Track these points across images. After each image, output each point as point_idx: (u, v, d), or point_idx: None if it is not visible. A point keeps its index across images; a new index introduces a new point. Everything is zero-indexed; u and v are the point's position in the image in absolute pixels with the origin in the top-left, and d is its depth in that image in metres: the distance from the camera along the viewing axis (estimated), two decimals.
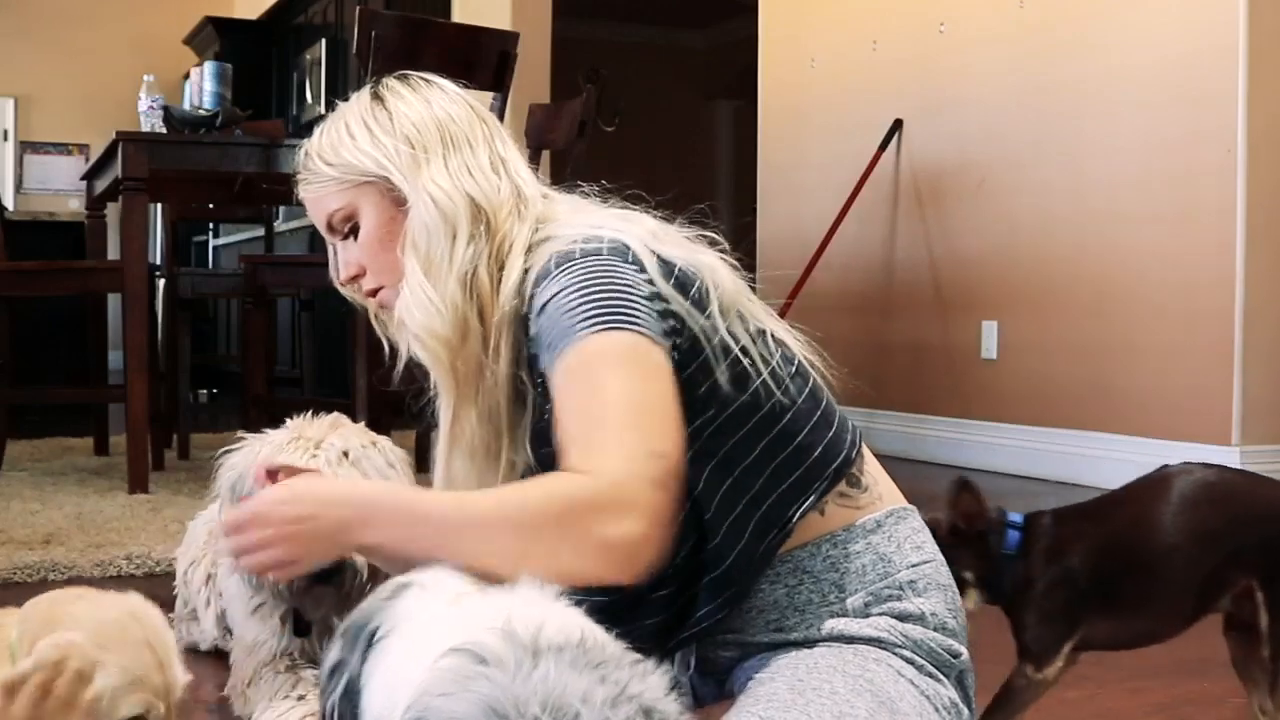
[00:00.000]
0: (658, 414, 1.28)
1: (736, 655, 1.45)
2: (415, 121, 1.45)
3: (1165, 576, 1.57)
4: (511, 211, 1.44)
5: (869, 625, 1.40)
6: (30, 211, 8.30)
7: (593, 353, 1.29)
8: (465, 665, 0.92)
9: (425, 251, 1.41)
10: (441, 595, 1.12)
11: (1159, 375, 4.35)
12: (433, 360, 1.42)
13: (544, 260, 1.38)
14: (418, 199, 1.41)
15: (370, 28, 3.60)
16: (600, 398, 1.27)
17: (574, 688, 0.88)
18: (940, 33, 5.26)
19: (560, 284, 1.33)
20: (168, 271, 5.47)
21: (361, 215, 1.46)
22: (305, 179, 1.50)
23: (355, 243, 1.48)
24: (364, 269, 1.48)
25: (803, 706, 1.29)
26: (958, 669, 1.43)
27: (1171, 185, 4.32)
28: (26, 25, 10.73)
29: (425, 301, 1.40)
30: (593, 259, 1.34)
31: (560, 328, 1.31)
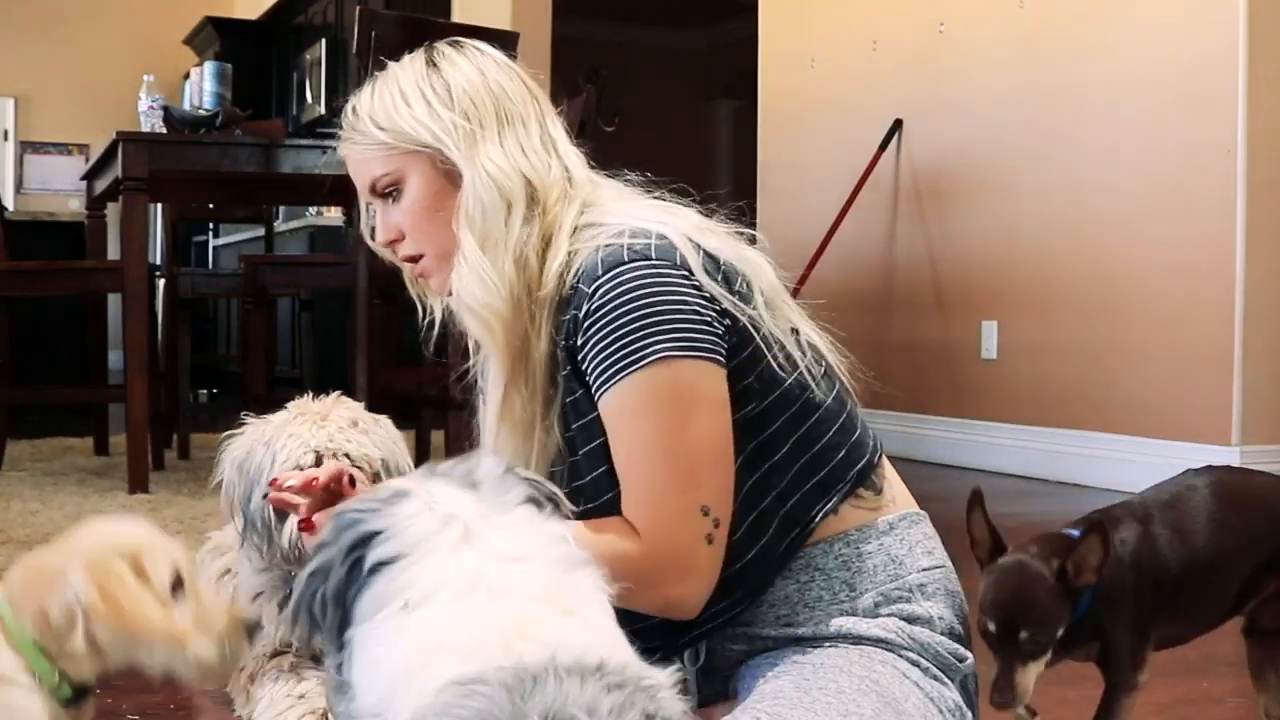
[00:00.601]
0: (711, 463, 1.34)
1: (744, 649, 1.45)
2: (472, 95, 1.44)
3: (1214, 582, 1.57)
4: (562, 194, 1.44)
5: (877, 625, 1.41)
6: (30, 211, 8.30)
7: (651, 390, 1.31)
8: (463, 690, 0.89)
9: (481, 228, 1.41)
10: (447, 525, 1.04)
11: (1159, 375, 4.35)
12: (488, 335, 1.42)
13: (590, 252, 1.38)
14: (474, 175, 1.41)
15: (370, 28, 3.60)
16: (659, 446, 1.32)
17: (577, 699, 0.86)
18: (940, 33, 5.26)
19: (612, 294, 1.34)
20: (168, 271, 5.46)
21: (408, 183, 1.45)
22: (351, 138, 1.49)
23: (397, 206, 1.47)
24: (403, 234, 1.48)
25: (809, 705, 1.29)
26: (962, 673, 1.44)
27: (1171, 186, 4.32)
28: (26, 25, 10.73)
29: (483, 277, 1.39)
30: (641, 266, 1.34)
31: (616, 350, 1.32)
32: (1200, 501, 1.57)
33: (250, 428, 1.96)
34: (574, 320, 1.37)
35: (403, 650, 0.99)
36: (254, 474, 1.90)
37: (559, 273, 1.40)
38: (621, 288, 1.34)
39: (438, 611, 0.99)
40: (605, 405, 1.35)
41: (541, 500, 1.11)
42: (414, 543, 1.03)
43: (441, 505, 1.05)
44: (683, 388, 1.33)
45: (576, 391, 1.39)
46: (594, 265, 1.36)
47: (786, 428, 1.41)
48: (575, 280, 1.38)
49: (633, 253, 1.35)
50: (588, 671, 0.89)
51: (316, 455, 1.86)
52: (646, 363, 1.32)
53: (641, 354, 1.32)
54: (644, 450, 1.33)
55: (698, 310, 1.34)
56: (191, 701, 2.06)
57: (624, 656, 0.94)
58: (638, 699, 0.88)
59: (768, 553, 1.41)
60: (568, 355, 1.39)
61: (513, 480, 1.10)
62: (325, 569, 1.07)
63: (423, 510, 1.05)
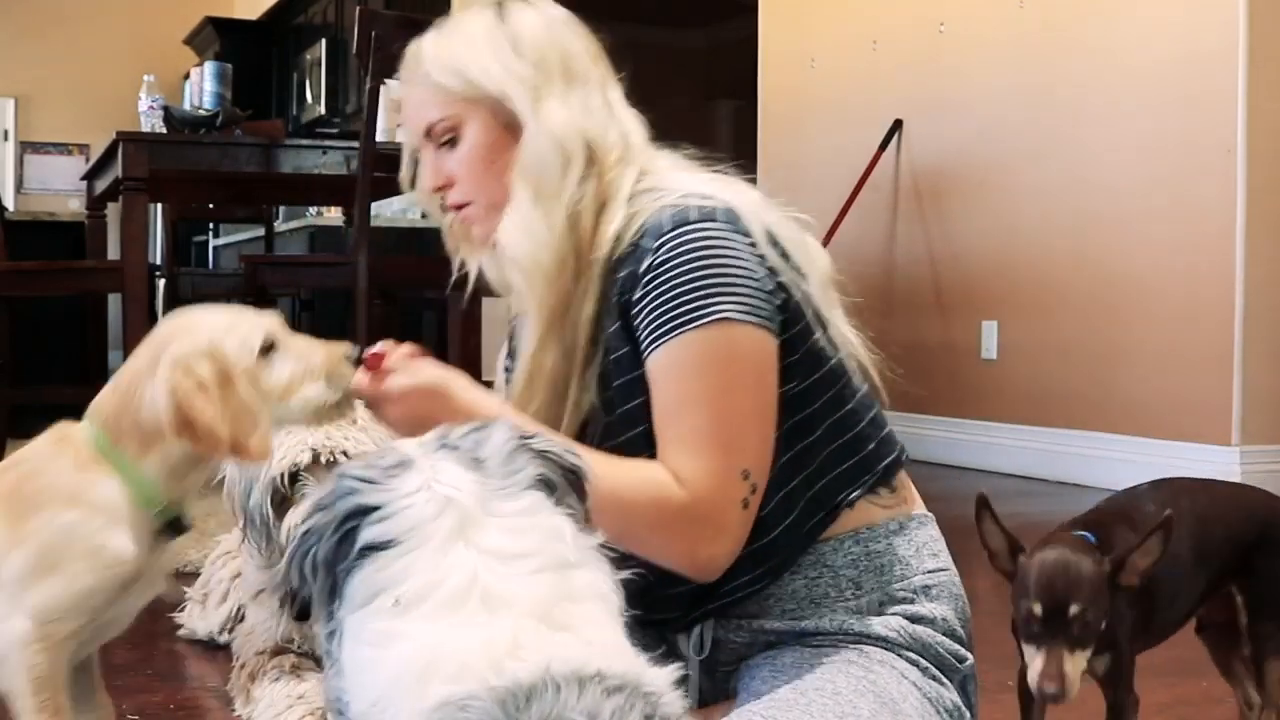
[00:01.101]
0: (756, 429, 1.34)
1: (747, 642, 1.46)
2: (540, 49, 1.44)
3: (1185, 591, 1.58)
4: (620, 158, 1.44)
5: (880, 623, 1.41)
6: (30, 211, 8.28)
7: (708, 349, 1.32)
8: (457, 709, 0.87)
9: (537, 182, 1.40)
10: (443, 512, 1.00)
11: (1159, 375, 4.35)
12: (529, 288, 1.41)
13: (654, 212, 1.38)
14: (537, 129, 1.41)
15: (370, 28, 3.60)
16: (708, 404, 1.32)
17: (577, 705, 0.85)
18: (940, 33, 5.26)
19: (677, 250, 1.34)
20: (168, 271, 5.47)
21: (465, 130, 1.44)
22: (411, 80, 1.48)
23: (450, 153, 1.46)
24: (453, 181, 1.47)
25: (804, 706, 1.29)
26: (962, 674, 1.44)
27: (1171, 185, 4.32)
28: (26, 25, 10.73)
29: (533, 230, 1.39)
30: (709, 226, 1.35)
31: (676, 305, 1.33)
32: (1180, 513, 1.57)
33: None
34: (632, 275, 1.37)
35: (393, 663, 0.96)
36: (252, 471, 1.90)
37: (615, 235, 1.40)
38: (686, 245, 1.35)
39: (429, 623, 0.95)
40: (656, 360, 1.35)
41: (553, 481, 1.06)
42: (408, 529, 1.00)
43: (441, 485, 1.01)
44: (737, 351, 1.34)
45: (622, 349, 1.39)
46: (659, 222, 1.37)
47: (825, 410, 1.43)
48: (637, 237, 1.38)
49: (700, 212, 1.37)
50: (585, 679, 0.88)
51: (313, 453, 1.86)
52: (705, 321, 1.32)
53: (701, 312, 1.32)
54: (692, 407, 1.34)
55: (758, 278, 1.36)
56: (192, 701, 2.06)
57: (623, 664, 0.92)
58: (638, 703, 0.87)
59: (792, 532, 1.42)
60: (620, 310, 1.39)
61: (523, 457, 1.05)
62: (319, 532, 1.04)
63: (421, 489, 1.01)
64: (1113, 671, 1.50)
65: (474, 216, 1.47)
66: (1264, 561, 1.60)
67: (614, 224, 1.41)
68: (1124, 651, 1.50)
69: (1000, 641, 1.60)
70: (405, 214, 7.52)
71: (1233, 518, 1.61)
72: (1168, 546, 1.42)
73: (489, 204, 1.45)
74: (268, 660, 1.96)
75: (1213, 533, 1.58)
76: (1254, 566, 1.60)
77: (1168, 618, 1.58)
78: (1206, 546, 1.57)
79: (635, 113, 1.50)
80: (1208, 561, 1.58)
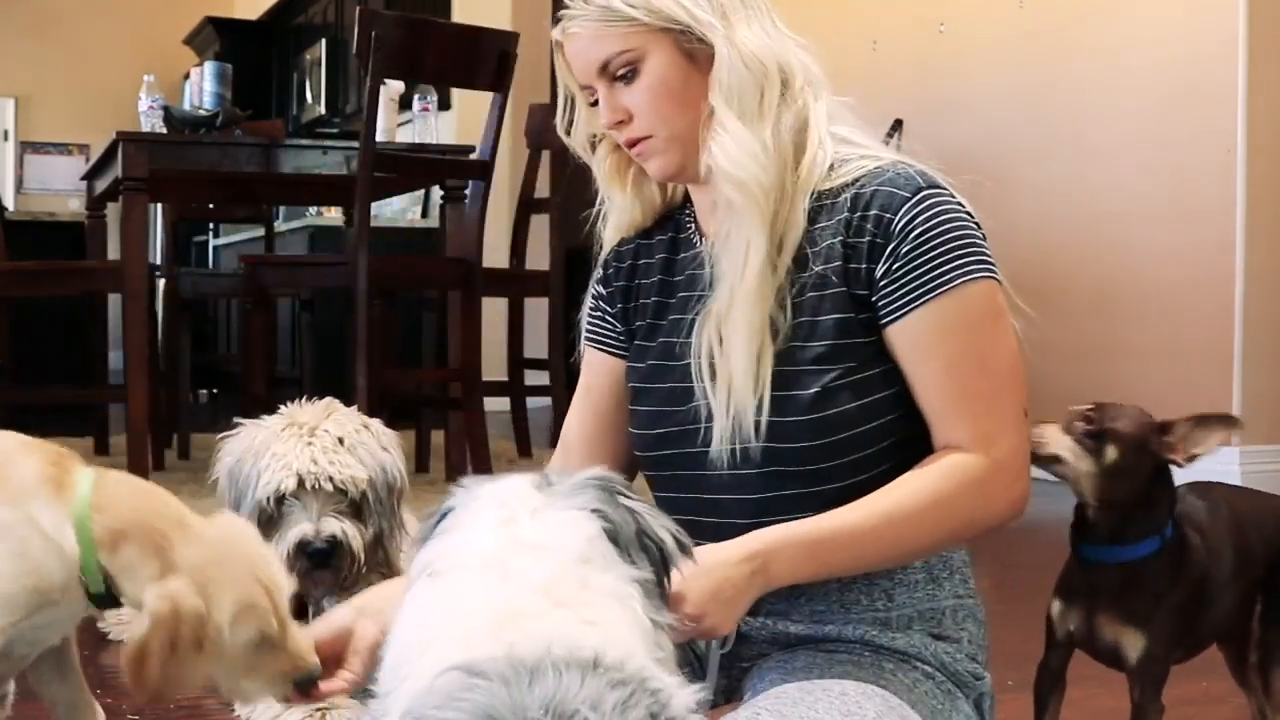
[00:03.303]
0: (1021, 370, 1.40)
1: (766, 639, 1.45)
2: None
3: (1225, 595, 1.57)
4: (806, 82, 1.46)
5: (904, 639, 1.42)
6: (30, 211, 8.29)
7: (975, 304, 1.38)
8: (462, 680, 0.89)
9: (740, 103, 1.40)
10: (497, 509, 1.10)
11: (1159, 375, 4.35)
12: (753, 207, 1.39)
13: (892, 165, 1.43)
14: (730, 51, 1.41)
15: (370, 28, 3.60)
16: (988, 357, 1.38)
17: (580, 694, 0.86)
18: (940, 33, 5.26)
19: (937, 209, 1.39)
20: (168, 271, 5.46)
21: (647, 62, 1.42)
22: (586, 14, 1.43)
23: (629, 88, 1.43)
24: (632, 115, 1.44)
25: (810, 703, 1.29)
26: (978, 690, 1.45)
27: (1171, 185, 4.32)
28: (26, 25, 10.73)
29: (752, 150, 1.39)
30: (953, 193, 1.44)
31: (937, 267, 1.37)
32: (1224, 520, 1.56)
33: (244, 431, 1.96)
34: (877, 221, 1.39)
35: (409, 628, 1.04)
36: (242, 484, 1.90)
37: (827, 166, 1.43)
38: (949, 206, 1.40)
39: (445, 585, 1.05)
40: (927, 314, 1.37)
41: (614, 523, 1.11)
42: (464, 520, 1.10)
43: (504, 493, 1.11)
44: (1000, 306, 1.40)
45: (830, 288, 1.40)
46: (911, 176, 1.41)
47: None
48: (877, 183, 1.41)
49: (941, 180, 1.44)
50: (586, 666, 0.89)
51: (299, 479, 1.85)
52: (976, 278, 1.38)
53: (961, 272, 1.37)
54: (977, 360, 1.37)
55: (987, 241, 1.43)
56: (192, 701, 2.06)
57: (627, 656, 0.93)
58: (642, 697, 0.88)
59: None
60: (846, 253, 1.40)
61: (590, 492, 1.12)
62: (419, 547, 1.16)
63: (488, 495, 1.12)
64: (1144, 665, 1.49)
65: (654, 149, 1.45)
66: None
67: (821, 154, 1.43)
68: (1159, 647, 1.48)
69: (1000, 642, 1.60)
70: (405, 214, 7.52)
71: (1267, 525, 1.61)
72: (1225, 442, 1.45)
73: (671, 135, 1.44)
74: None
75: (1250, 541, 1.58)
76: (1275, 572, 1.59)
77: (1208, 626, 1.57)
78: (1245, 555, 1.57)
79: (808, 46, 1.53)
80: (1245, 570, 1.57)
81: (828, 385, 1.37)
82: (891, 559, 1.38)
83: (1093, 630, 1.50)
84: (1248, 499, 1.66)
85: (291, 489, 1.85)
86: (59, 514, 1.35)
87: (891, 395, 1.39)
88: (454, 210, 4.32)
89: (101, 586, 1.36)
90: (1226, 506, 1.58)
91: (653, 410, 1.48)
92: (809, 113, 1.44)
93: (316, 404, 1.98)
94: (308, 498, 1.86)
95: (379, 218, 6.29)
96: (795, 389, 1.38)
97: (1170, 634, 1.49)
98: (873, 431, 1.38)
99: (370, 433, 1.96)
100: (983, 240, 1.42)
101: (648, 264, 1.55)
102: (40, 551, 1.34)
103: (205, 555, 1.35)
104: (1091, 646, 1.52)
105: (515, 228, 5.18)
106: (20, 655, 1.46)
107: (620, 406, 1.55)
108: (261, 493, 1.85)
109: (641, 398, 1.50)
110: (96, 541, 1.34)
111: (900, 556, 1.38)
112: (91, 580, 1.35)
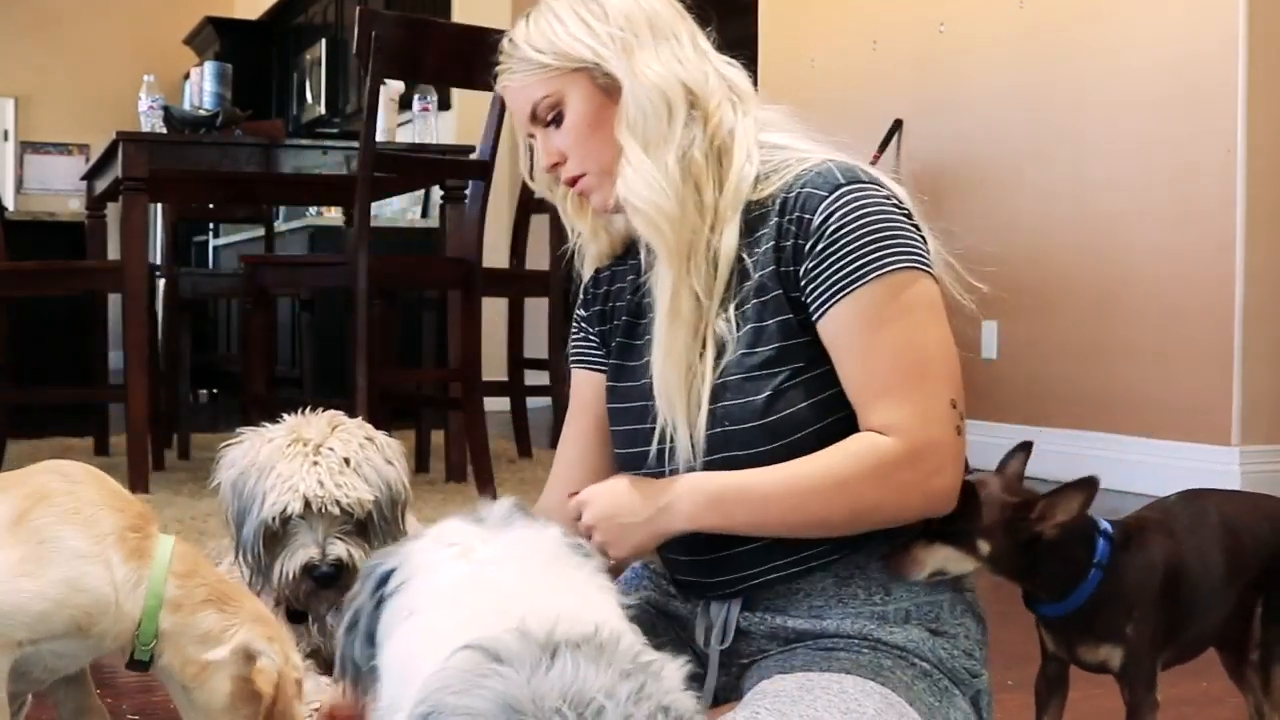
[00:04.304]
0: (950, 359, 1.40)
1: (765, 635, 1.46)
2: (625, 11, 1.48)
3: (1216, 606, 1.58)
4: (723, 100, 1.48)
5: (901, 634, 1.42)
6: (30, 211, 8.29)
7: (892, 294, 1.37)
8: (479, 662, 0.91)
9: (644, 132, 1.44)
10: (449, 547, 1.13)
11: (1159, 375, 4.35)
12: (655, 234, 1.44)
13: (817, 165, 1.43)
14: (634, 83, 1.44)
15: (370, 28, 3.60)
16: (904, 345, 1.37)
17: (595, 683, 0.88)
18: (940, 33, 5.26)
19: (857, 203, 1.39)
20: (168, 271, 5.46)
21: (568, 103, 1.48)
22: (509, 68, 1.51)
23: (558, 131, 1.50)
24: (565, 156, 1.50)
25: (809, 702, 1.30)
26: (975, 688, 1.45)
27: (1171, 185, 4.32)
28: (26, 25, 10.73)
29: (649, 178, 1.43)
30: (879, 186, 1.42)
31: (856, 259, 1.37)
32: (1214, 525, 1.57)
33: (247, 441, 1.94)
34: (798, 222, 1.40)
35: (406, 644, 1.06)
36: (246, 499, 1.89)
37: (753, 177, 1.45)
38: (867, 198, 1.40)
39: (435, 608, 1.07)
40: (839, 313, 1.38)
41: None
42: (419, 566, 1.12)
43: (447, 535, 1.15)
44: (920, 294, 1.39)
45: (769, 293, 1.42)
46: (831, 174, 1.41)
47: None
48: (800, 186, 1.41)
49: (865, 174, 1.42)
50: (596, 648, 0.91)
51: (305, 501, 1.85)
52: (886, 270, 1.37)
53: (882, 263, 1.37)
54: (888, 353, 1.37)
55: (922, 235, 1.43)
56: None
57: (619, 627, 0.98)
58: (651, 688, 0.90)
59: None
60: (778, 256, 1.42)
61: (520, 517, 1.18)
62: (357, 617, 1.18)
63: (430, 542, 1.15)
64: (1128, 668, 1.49)
65: (590, 186, 1.51)
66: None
67: (749, 167, 1.45)
68: (1140, 650, 1.49)
69: (999, 641, 1.60)
70: (405, 214, 7.52)
71: (1261, 529, 1.61)
72: (1087, 507, 1.44)
73: (601, 170, 1.49)
74: None
75: (1243, 544, 1.58)
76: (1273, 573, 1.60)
77: (1201, 629, 1.57)
78: (1237, 558, 1.57)
79: (735, 63, 1.55)
80: (1239, 573, 1.57)
81: (779, 388, 1.40)
82: (793, 527, 1.39)
83: (1074, 654, 1.52)
84: (1241, 503, 1.66)
85: (298, 511, 1.84)
86: (133, 573, 1.42)
87: (839, 394, 1.41)
88: (454, 210, 4.32)
89: (147, 655, 1.43)
90: (1217, 512, 1.59)
91: (629, 429, 1.52)
92: (732, 128, 1.47)
93: (320, 416, 1.95)
94: (314, 519, 1.85)
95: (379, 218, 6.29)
96: (749, 394, 1.41)
97: (1150, 636, 1.50)
98: (824, 430, 1.40)
99: (375, 447, 1.94)
100: (907, 232, 1.41)
101: (620, 287, 1.59)
102: (96, 590, 1.39)
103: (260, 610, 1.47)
104: (1078, 664, 1.54)
105: (515, 228, 5.18)
106: (37, 679, 1.48)
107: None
108: (267, 513, 1.84)
109: (618, 418, 1.55)
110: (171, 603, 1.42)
111: (802, 526, 1.39)
112: (140, 647, 1.43)
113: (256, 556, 1.88)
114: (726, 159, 1.46)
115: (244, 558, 1.90)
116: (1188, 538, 1.54)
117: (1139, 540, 1.52)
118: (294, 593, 1.88)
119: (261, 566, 1.89)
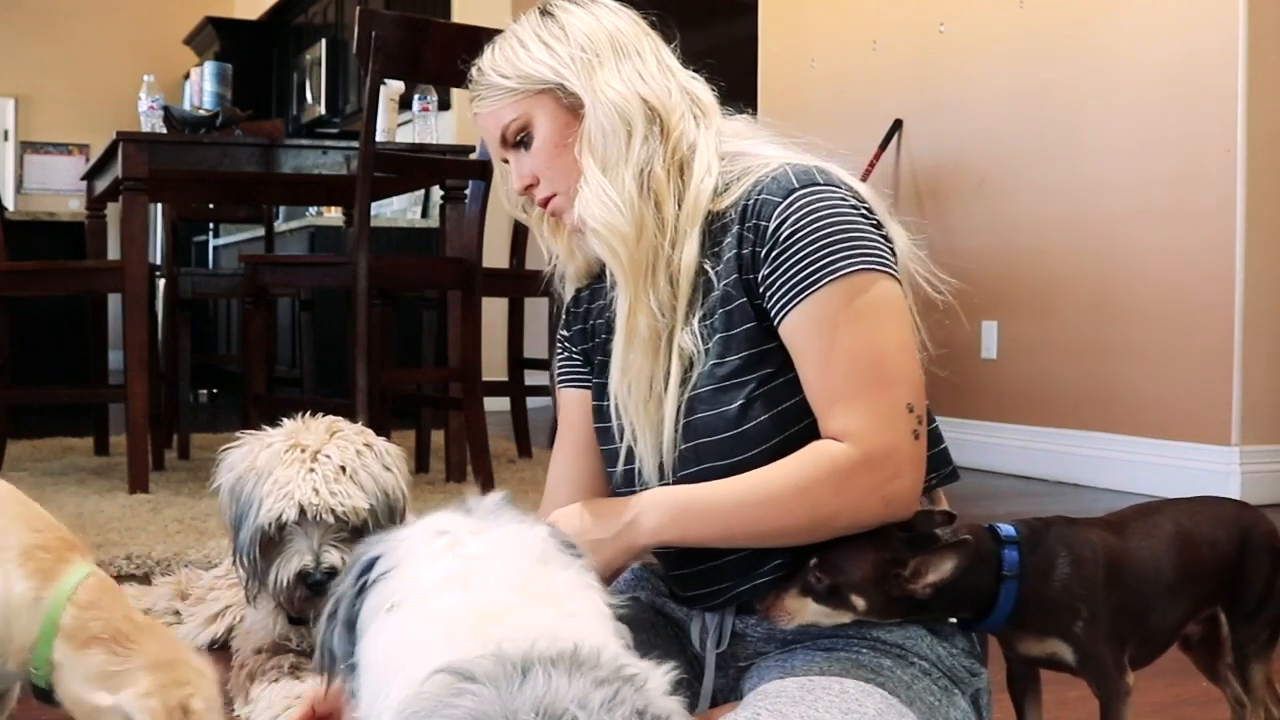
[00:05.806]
0: (908, 362, 1.39)
1: (762, 637, 1.47)
2: (586, 32, 1.48)
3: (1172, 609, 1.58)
4: (685, 114, 1.48)
5: (899, 631, 1.43)
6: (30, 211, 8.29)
7: (847, 296, 1.36)
8: (451, 683, 0.90)
9: (602, 151, 1.45)
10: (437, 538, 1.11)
11: (1159, 375, 4.35)
12: (610, 254, 1.44)
13: (774, 168, 1.42)
14: (594, 101, 1.45)
15: (370, 28, 3.60)
16: (859, 349, 1.36)
17: (568, 694, 0.87)
18: (940, 33, 5.26)
19: (812, 206, 1.38)
20: (168, 271, 5.46)
21: (535, 124, 1.49)
22: (479, 94, 1.53)
23: (528, 153, 1.51)
24: (537, 178, 1.51)
25: (810, 702, 1.30)
26: (974, 686, 1.46)
27: (1171, 185, 4.32)
28: (26, 25, 10.73)
29: (604, 198, 1.43)
30: (836, 188, 1.40)
31: (811, 263, 1.36)
32: (1167, 533, 1.57)
33: (246, 445, 1.95)
34: (755, 229, 1.40)
35: (383, 648, 1.04)
36: (243, 504, 1.89)
37: (714, 188, 1.44)
38: (821, 201, 1.38)
39: (414, 607, 1.05)
40: (797, 318, 1.37)
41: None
42: (404, 555, 1.11)
43: (437, 524, 1.13)
44: (878, 295, 1.38)
45: (739, 299, 1.41)
46: (786, 179, 1.40)
47: None
48: (757, 193, 1.41)
49: (823, 175, 1.41)
50: (572, 663, 0.90)
51: (300, 509, 1.85)
52: (843, 274, 1.36)
53: (836, 266, 1.36)
54: (844, 357, 1.36)
55: (883, 236, 1.41)
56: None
57: (599, 643, 0.95)
58: (626, 693, 0.89)
59: None
60: (740, 263, 1.42)
61: (508, 510, 1.16)
62: (337, 605, 1.15)
63: (418, 531, 1.13)
64: (1083, 661, 1.49)
65: (561, 206, 1.52)
66: (1244, 570, 1.61)
67: (709, 180, 1.45)
68: (1088, 642, 1.49)
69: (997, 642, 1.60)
70: (405, 214, 7.52)
71: (1219, 536, 1.62)
72: (959, 570, 1.39)
73: (568, 189, 1.49)
74: (266, 660, 1.96)
75: (1201, 554, 1.59)
76: (1236, 577, 1.61)
77: (1159, 625, 1.58)
78: (1192, 567, 1.58)
79: (698, 76, 1.55)
80: (1196, 579, 1.58)
81: (750, 396, 1.40)
82: (753, 537, 1.39)
83: (1019, 653, 1.50)
84: (1200, 513, 1.66)
85: (293, 518, 1.84)
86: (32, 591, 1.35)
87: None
88: (454, 210, 4.32)
89: (45, 682, 1.35)
90: (1172, 524, 1.59)
91: (612, 449, 1.52)
92: (694, 141, 1.47)
93: (319, 422, 1.96)
94: (309, 526, 1.86)
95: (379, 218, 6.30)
96: (722, 405, 1.41)
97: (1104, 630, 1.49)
98: (799, 435, 1.39)
99: (373, 453, 1.94)
100: (864, 232, 1.39)
101: (600, 305, 1.59)
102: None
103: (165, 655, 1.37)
104: (1030, 661, 1.53)
105: (515, 228, 5.18)
106: None
107: None
108: (263, 518, 1.85)
109: (604, 436, 1.55)
110: (64, 632, 1.34)
111: (761, 536, 1.39)
112: (38, 674, 1.35)
113: (253, 561, 1.88)
114: (688, 172, 1.46)
115: (241, 562, 1.91)
116: (1135, 539, 1.55)
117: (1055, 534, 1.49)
118: (289, 599, 1.89)
119: (258, 571, 1.89)
